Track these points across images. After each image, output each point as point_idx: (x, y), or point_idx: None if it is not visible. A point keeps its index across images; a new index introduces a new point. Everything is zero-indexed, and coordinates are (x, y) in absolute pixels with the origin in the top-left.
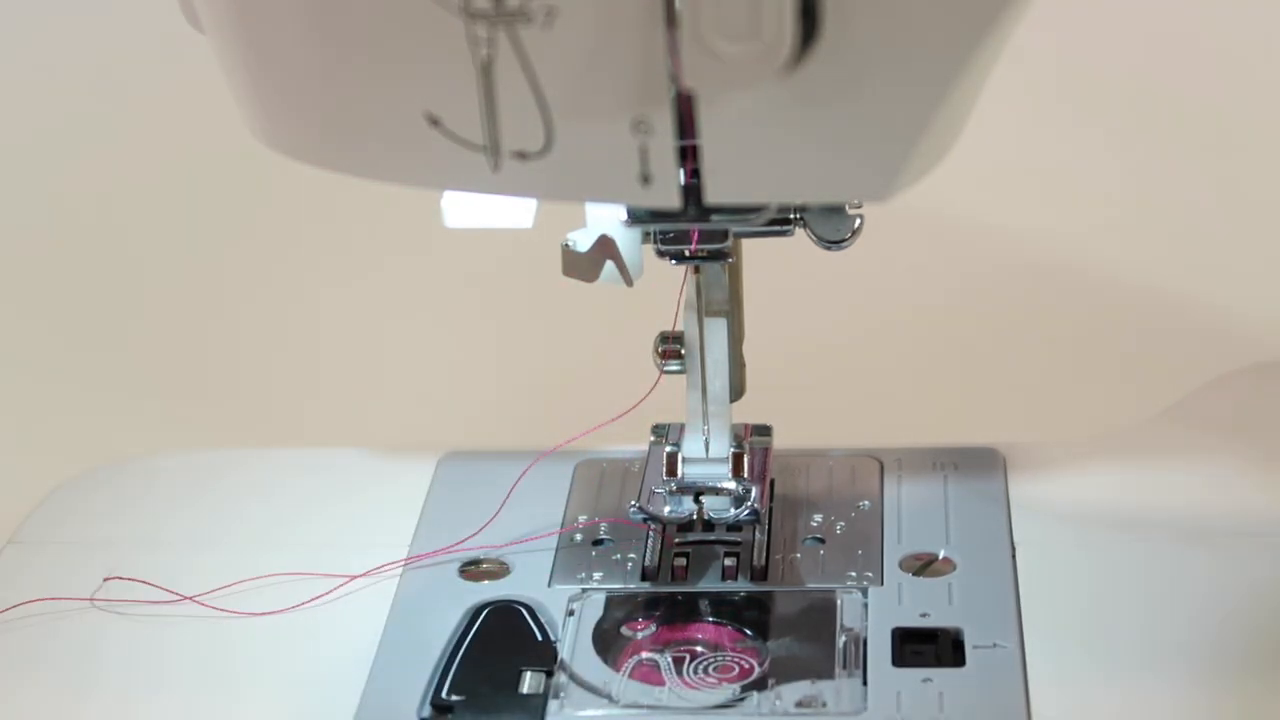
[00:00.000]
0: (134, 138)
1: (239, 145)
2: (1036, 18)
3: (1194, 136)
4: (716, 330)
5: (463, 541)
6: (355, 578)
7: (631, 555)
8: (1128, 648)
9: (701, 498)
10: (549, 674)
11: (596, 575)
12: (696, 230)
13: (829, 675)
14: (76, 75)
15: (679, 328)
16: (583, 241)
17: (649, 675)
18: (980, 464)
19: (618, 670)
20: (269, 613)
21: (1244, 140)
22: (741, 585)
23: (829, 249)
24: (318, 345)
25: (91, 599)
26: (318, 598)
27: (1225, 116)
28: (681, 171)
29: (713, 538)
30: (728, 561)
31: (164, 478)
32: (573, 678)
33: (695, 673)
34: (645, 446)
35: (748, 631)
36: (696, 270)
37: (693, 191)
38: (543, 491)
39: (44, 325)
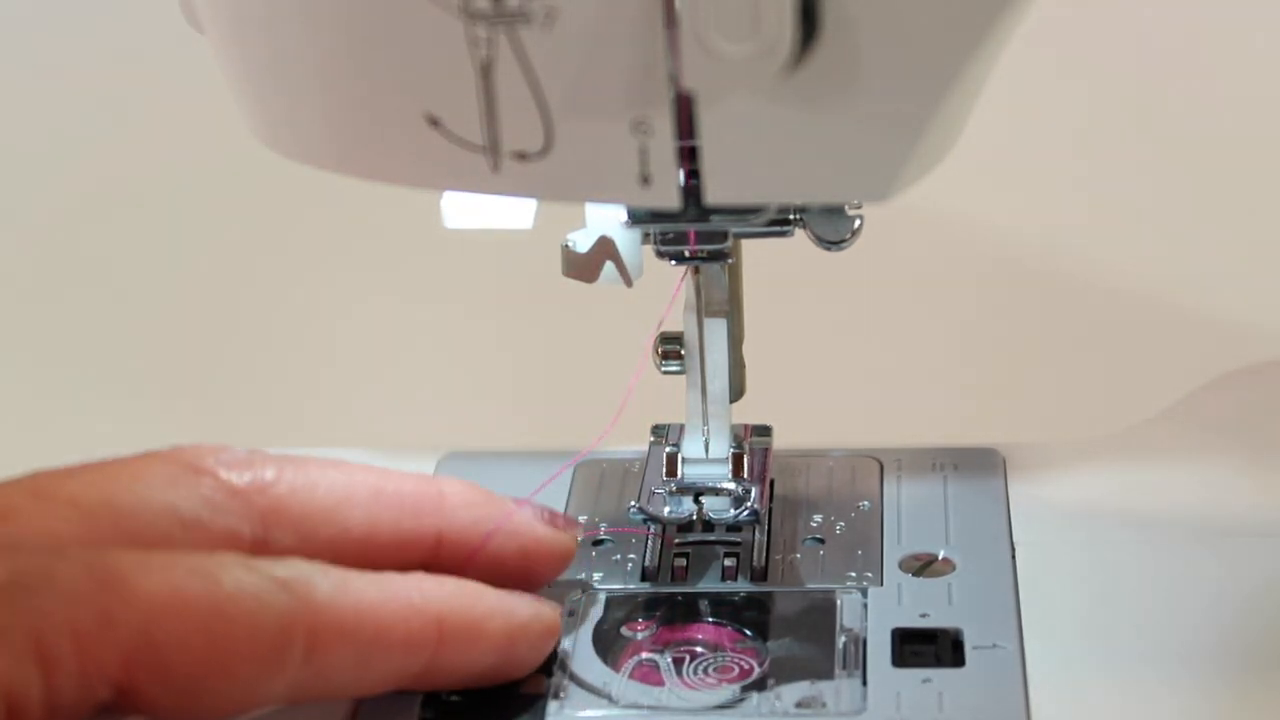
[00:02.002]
0: (132, 138)
1: (238, 146)
2: (1038, 18)
3: (1194, 136)
4: (716, 330)
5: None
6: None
7: (631, 556)
8: (1128, 648)
9: (701, 498)
10: (549, 674)
11: (596, 575)
12: (693, 231)
13: (829, 675)
14: (75, 75)
15: (668, 328)
16: (583, 241)
17: (649, 675)
18: (980, 464)
19: (618, 670)
20: None
21: (1245, 140)
22: (741, 585)
23: (829, 249)
24: (317, 345)
25: None
26: None
27: (1226, 116)
28: (681, 172)
29: (713, 538)
30: (728, 562)
31: None
32: (573, 678)
33: (695, 673)
34: (645, 447)
35: (748, 632)
36: (696, 271)
37: (693, 192)
38: (542, 492)
39: (42, 325)
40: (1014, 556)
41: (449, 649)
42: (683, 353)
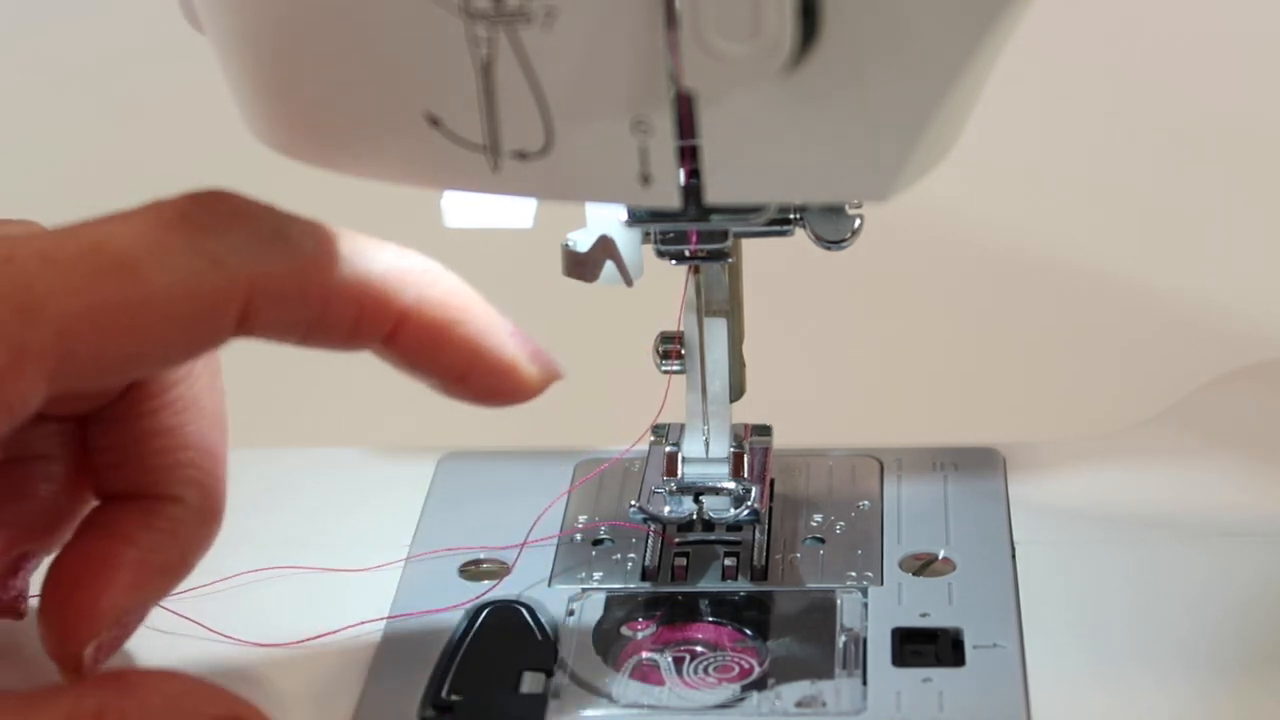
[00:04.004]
0: (133, 138)
1: (239, 145)
2: (1038, 17)
3: (1194, 136)
4: (716, 330)
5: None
6: (360, 570)
7: (631, 555)
8: (1127, 648)
9: (701, 498)
10: (549, 674)
11: (596, 575)
12: (695, 231)
13: (829, 675)
14: (76, 75)
15: (678, 328)
16: (583, 241)
17: (649, 675)
18: (980, 464)
19: (618, 670)
20: (268, 614)
21: (1244, 139)
22: (741, 585)
23: (829, 249)
24: None
25: None
26: (317, 597)
27: (1226, 116)
28: (681, 171)
29: (713, 538)
30: (728, 561)
31: None
32: (573, 678)
33: (695, 673)
34: (645, 446)
35: (748, 631)
36: (696, 270)
37: (693, 191)
38: (542, 492)
39: None
40: (1014, 556)
41: (401, 346)
42: (683, 352)
